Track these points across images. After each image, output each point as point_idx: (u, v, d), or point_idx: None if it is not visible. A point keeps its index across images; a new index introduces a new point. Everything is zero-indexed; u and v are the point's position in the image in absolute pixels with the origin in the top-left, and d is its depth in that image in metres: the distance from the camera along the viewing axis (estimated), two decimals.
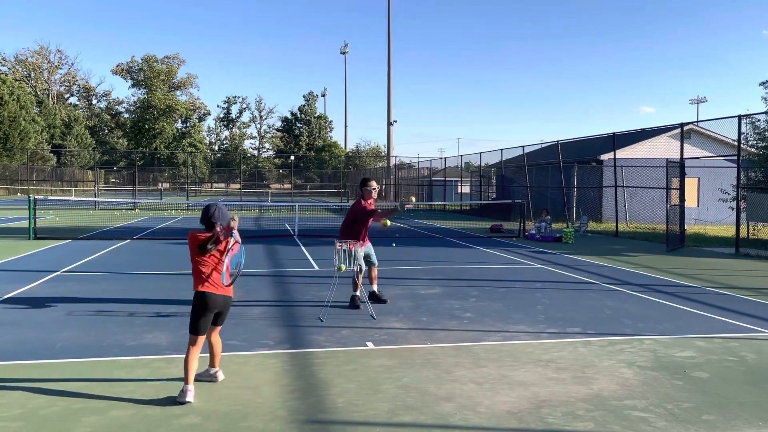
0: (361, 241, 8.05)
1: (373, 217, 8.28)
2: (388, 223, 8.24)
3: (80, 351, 6.00)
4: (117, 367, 5.53)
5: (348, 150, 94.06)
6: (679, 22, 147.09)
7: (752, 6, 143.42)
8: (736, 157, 16.47)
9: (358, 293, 8.19)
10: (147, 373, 5.36)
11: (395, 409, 4.59)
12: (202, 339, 4.90)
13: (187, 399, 4.61)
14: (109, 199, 34.57)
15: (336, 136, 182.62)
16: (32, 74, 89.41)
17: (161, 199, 45.29)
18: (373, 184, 8.39)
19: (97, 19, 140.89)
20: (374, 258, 8.48)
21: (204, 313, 4.87)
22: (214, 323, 5.03)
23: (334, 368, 5.58)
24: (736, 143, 16.34)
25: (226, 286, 4.96)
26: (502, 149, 31.43)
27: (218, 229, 4.86)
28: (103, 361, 5.71)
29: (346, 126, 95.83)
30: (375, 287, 8.56)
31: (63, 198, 30.97)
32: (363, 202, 8.29)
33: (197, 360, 4.81)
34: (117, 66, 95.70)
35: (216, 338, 5.15)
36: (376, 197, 8.44)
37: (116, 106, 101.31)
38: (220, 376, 5.19)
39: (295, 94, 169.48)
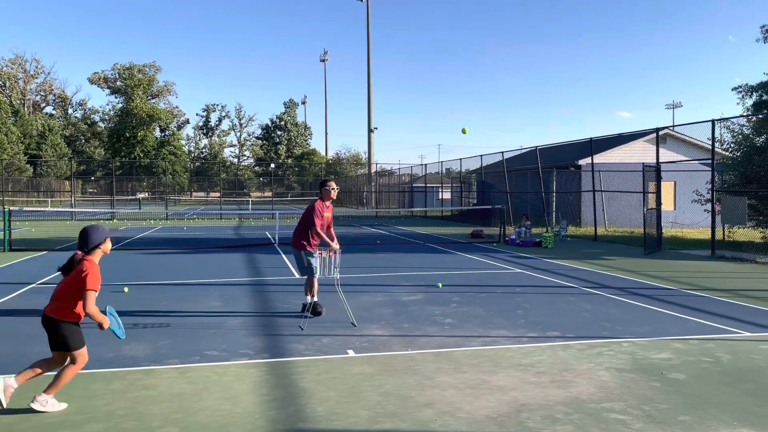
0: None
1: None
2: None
3: None
4: (93, 380, 5.45)
5: (328, 157, 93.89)
6: (655, 26, 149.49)
7: (716, 11, 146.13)
8: (710, 161, 16.76)
9: (316, 299, 8.21)
10: (124, 386, 5.29)
11: (376, 416, 4.59)
12: None
13: None
14: (87, 210, 34.11)
15: (316, 143, 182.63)
16: (7, 83, 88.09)
17: (140, 208, 44.78)
18: (332, 183, 8.22)
19: (73, 27, 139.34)
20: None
21: None
22: None
23: (315, 376, 5.56)
24: (710, 147, 16.63)
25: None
26: (482, 155, 31.56)
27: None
28: (78, 374, 5.60)
29: (326, 133, 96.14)
30: (315, 298, 8.27)
31: (39, 209, 30.52)
32: (321, 202, 8.06)
33: None
34: (94, 74, 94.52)
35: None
36: (335, 197, 8.22)
37: (92, 116, 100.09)
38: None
39: (275, 102, 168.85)
